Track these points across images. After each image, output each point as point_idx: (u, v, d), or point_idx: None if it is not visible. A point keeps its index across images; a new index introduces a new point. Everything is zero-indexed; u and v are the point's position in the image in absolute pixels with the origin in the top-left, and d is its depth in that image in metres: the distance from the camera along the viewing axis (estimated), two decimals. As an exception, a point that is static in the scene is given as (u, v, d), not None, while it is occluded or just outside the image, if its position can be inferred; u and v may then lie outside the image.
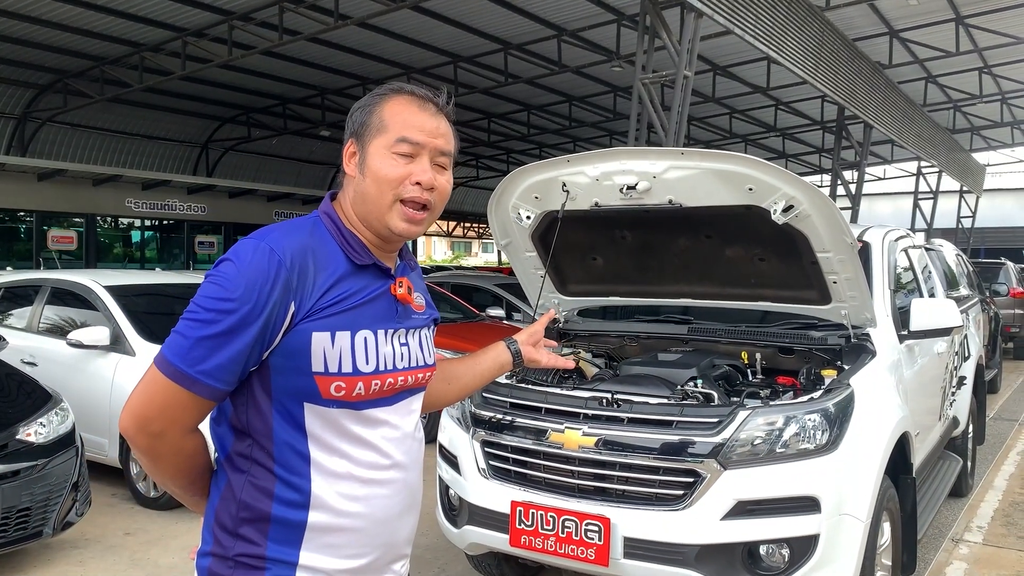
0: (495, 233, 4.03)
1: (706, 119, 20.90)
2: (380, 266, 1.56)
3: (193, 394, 1.39)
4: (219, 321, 1.37)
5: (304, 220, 1.55)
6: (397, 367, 1.55)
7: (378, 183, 1.51)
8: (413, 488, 1.63)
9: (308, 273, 1.44)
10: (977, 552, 4.79)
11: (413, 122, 1.53)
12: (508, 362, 2.06)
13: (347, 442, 1.50)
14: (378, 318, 1.53)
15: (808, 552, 2.95)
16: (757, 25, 9.91)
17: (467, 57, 15.08)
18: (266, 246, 1.42)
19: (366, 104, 1.57)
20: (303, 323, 1.42)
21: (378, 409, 1.53)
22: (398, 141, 1.51)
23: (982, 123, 22.24)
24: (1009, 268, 15.30)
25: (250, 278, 1.38)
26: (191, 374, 1.37)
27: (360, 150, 1.54)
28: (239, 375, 1.41)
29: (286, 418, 1.46)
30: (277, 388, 1.45)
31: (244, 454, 1.48)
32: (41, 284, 6.93)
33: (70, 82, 15.43)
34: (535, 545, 3.23)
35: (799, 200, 3.24)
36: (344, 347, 1.45)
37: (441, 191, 1.57)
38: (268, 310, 1.38)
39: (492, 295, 10.97)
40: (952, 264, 7.29)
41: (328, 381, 1.45)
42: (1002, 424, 8.57)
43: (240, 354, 1.38)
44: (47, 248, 17.33)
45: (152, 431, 1.42)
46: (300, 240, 1.47)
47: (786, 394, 3.47)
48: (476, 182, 27.99)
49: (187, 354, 1.37)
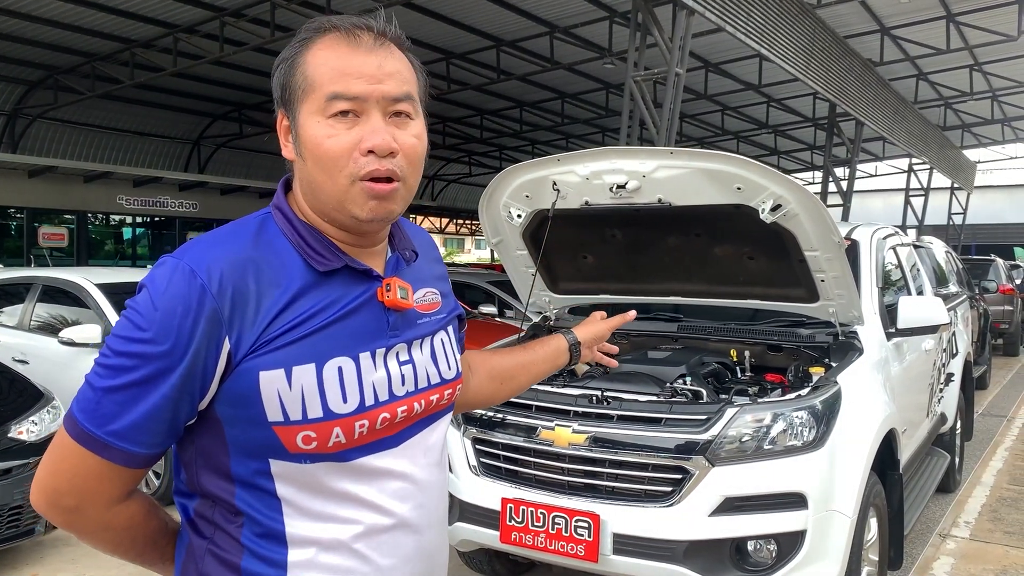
0: (486, 231, 4.05)
1: (698, 116, 20.94)
2: (357, 268, 1.19)
3: (106, 460, 1.08)
4: (129, 368, 1.06)
5: (248, 221, 1.19)
6: (396, 395, 1.20)
7: (321, 164, 1.13)
8: (430, 553, 1.27)
9: (248, 296, 1.09)
10: (964, 547, 4.84)
11: (346, 67, 1.13)
12: (565, 363, 1.77)
13: (333, 503, 1.16)
14: (360, 337, 1.17)
15: (795, 548, 2.98)
16: (749, 22, 9.95)
17: (459, 54, 15.08)
18: (185, 266, 1.08)
19: (286, 57, 1.17)
20: (247, 361, 1.09)
21: (374, 456, 1.18)
22: (330, 99, 1.12)
23: (973, 120, 22.32)
24: (999, 265, 15.41)
25: (165, 311, 1.06)
26: (100, 436, 1.07)
27: (293, 122, 1.17)
28: (165, 435, 1.10)
29: (249, 480, 1.14)
30: (233, 444, 1.12)
31: (206, 516, 1.17)
32: (32, 282, 6.92)
33: (61, 78, 15.39)
34: (525, 541, 3.25)
35: (787, 199, 3.26)
36: (308, 385, 1.11)
37: (408, 150, 1.17)
38: (192, 351, 1.06)
39: (484, 292, 10.99)
40: (941, 261, 7.34)
41: (292, 432, 1.11)
42: (991, 420, 8.63)
43: (159, 410, 1.07)
44: (38, 245, 17.29)
45: (65, 507, 1.12)
46: (235, 252, 1.12)
47: (774, 391, 3.50)
48: (469, 179, 28.03)
49: (95, 411, 1.07)
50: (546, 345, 1.73)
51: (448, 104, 18.73)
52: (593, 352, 1.83)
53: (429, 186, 28.10)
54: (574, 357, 1.76)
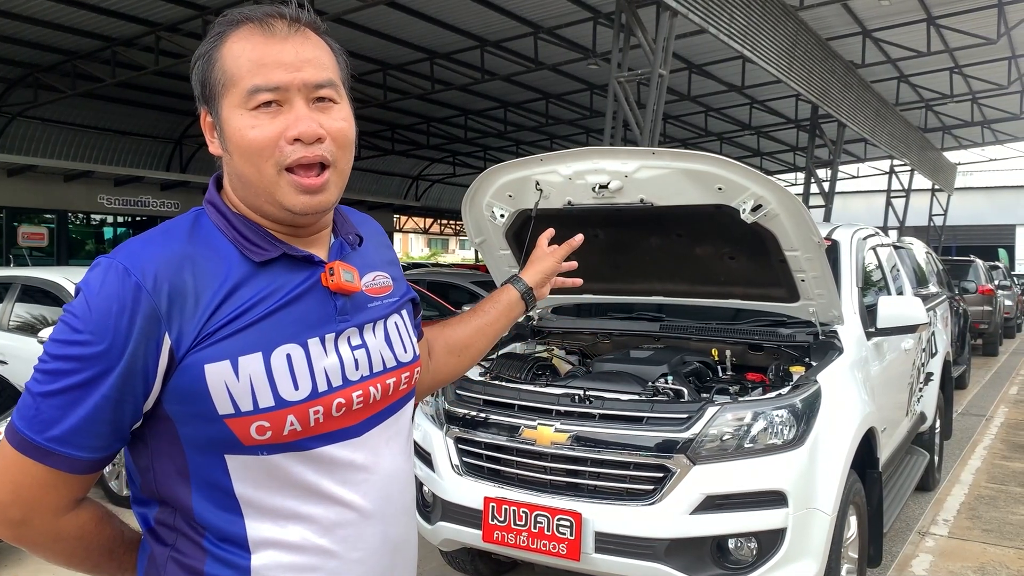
0: (469, 231, 4.05)
1: (681, 117, 21.02)
2: (296, 255, 1.18)
3: (49, 468, 1.06)
4: (67, 372, 1.04)
5: (181, 219, 1.19)
6: (350, 380, 1.18)
7: (247, 156, 1.13)
8: (396, 545, 1.26)
9: (185, 291, 1.08)
10: (943, 545, 4.89)
11: (263, 58, 1.12)
12: (522, 311, 1.74)
13: (293, 499, 1.14)
14: (307, 324, 1.16)
15: (776, 545, 3.00)
16: (732, 24, 10.00)
17: (443, 54, 15.06)
18: (118, 265, 1.07)
19: (202, 53, 1.16)
20: (191, 355, 1.07)
21: (336, 446, 1.17)
22: (251, 93, 1.11)
23: (953, 122, 22.54)
24: (979, 266, 15.57)
25: (100, 311, 1.05)
26: (41, 443, 1.05)
27: (216, 118, 1.16)
28: (109, 437, 1.08)
29: (206, 479, 1.11)
30: (187, 442, 1.11)
31: (167, 524, 1.15)
32: (11, 281, 6.85)
33: (41, 76, 15.22)
34: (508, 541, 3.26)
35: (767, 199, 3.28)
36: (256, 374, 1.09)
37: (336, 135, 1.16)
38: (130, 350, 1.04)
39: (468, 292, 10.98)
40: (921, 262, 7.40)
41: (245, 423, 1.09)
42: (970, 419, 8.71)
43: (100, 411, 1.05)
44: (17, 245, 17.11)
45: (11, 519, 1.09)
46: (169, 249, 1.11)
47: (755, 390, 3.52)
48: (452, 179, 27.99)
49: (34, 417, 1.05)
50: (497, 302, 1.71)
51: (432, 104, 18.71)
52: (547, 289, 1.80)
53: (413, 186, 28.05)
54: (529, 304, 1.75)
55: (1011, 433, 8.09)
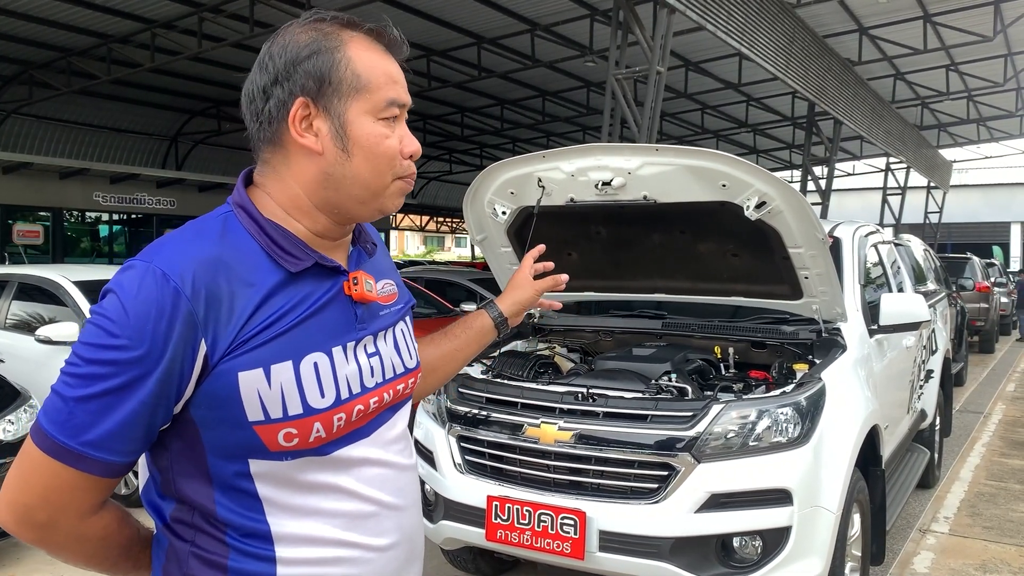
0: (470, 228, 4.02)
1: (678, 115, 21.01)
2: (326, 265, 1.19)
3: (81, 472, 1.06)
4: (103, 376, 1.03)
5: (210, 220, 1.17)
6: (367, 387, 1.21)
7: (376, 161, 1.17)
8: (411, 534, 1.29)
9: (221, 297, 1.08)
10: (944, 542, 4.88)
11: (393, 74, 1.20)
12: (493, 338, 1.76)
13: (315, 496, 1.16)
14: (332, 332, 1.17)
15: (781, 544, 2.99)
16: (729, 22, 9.99)
17: (440, 51, 15.02)
18: (156, 270, 1.06)
19: (320, 49, 1.16)
20: (225, 362, 1.07)
21: (350, 447, 1.19)
22: (388, 105, 1.18)
23: (949, 120, 22.57)
24: (975, 263, 15.61)
25: (139, 315, 1.04)
26: (74, 448, 1.04)
27: (328, 115, 1.16)
28: (142, 441, 1.08)
29: (229, 482, 1.12)
30: (210, 446, 1.11)
31: (185, 521, 1.15)
32: (8, 279, 6.82)
33: (36, 73, 15.16)
34: (511, 539, 3.24)
35: (771, 196, 3.27)
36: (287, 382, 1.10)
37: None
38: (168, 355, 1.04)
39: (466, 290, 10.97)
40: (920, 259, 7.40)
41: (274, 430, 1.10)
42: (968, 416, 8.72)
43: (136, 415, 1.05)
44: (13, 242, 17.04)
45: (37, 522, 1.09)
46: (204, 252, 1.10)
47: (759, 388, 3.51)
48: (449, 176, 27.95)
49: (67, 422, 1.04)
50: (469, 328, 1.72)
51: (429, 101, 18.66)
52: (520, 318, 1.83)
53: (409, 184, 27.98)
54: (501, 332, 1.76)
55: (1009, 430, 8.10)
